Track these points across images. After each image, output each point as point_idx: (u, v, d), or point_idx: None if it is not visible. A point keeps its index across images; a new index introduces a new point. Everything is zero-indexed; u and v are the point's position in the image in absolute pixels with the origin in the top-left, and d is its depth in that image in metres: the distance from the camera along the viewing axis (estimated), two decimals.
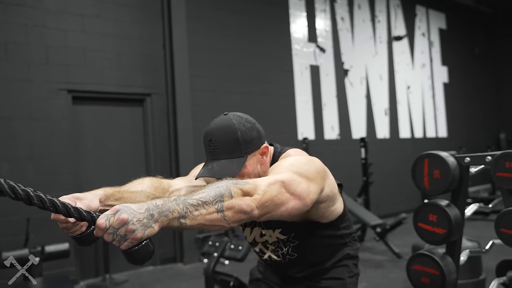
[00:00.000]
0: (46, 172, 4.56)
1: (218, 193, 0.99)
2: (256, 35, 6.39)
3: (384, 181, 7.64)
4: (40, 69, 4.61)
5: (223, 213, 0.97)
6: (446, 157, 1.80)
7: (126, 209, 0.86)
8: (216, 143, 1.31)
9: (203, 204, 0.95)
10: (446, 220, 1.79)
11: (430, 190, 1.84)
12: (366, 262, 4.90)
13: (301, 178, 1.16)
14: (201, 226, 0.96)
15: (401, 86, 8.72)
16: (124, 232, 0.85)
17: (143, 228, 0.87)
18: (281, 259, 1.50)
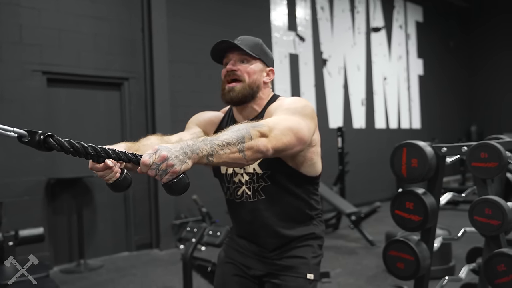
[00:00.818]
0: (18, 156, 4.44)
1: (240, 135, 1.14)
2: (237, 21, 6.34)
3: (360, 170, 7.77)
4: (13, 49, 4.47)
5: (243, 153, 1.13)
6: (424, 147, 1.84)
7: (165, 148, 1.00)
8: (240, 38, 1.52)
9: (227, 145, 1.10)
10: (422, 208, 1.85)
11: (407, 178, 1.89)
12: (340, 249, 5.00)
13: (304, 120, 1.34)
14: (224, 163, 1.13)
15: (377, 77, 8.83)
16: (165, 167, 0.99)
17: (180, 163, 1.01)
18: (251, 195, 1.50)
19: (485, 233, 1.70)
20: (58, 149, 0.98)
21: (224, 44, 1.49)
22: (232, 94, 1.48)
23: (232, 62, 1.50)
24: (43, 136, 0.96)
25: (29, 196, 4.50)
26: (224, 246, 1.69)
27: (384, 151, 7.89)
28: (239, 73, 1.49)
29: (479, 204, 1.69)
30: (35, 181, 4.55)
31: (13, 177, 4.42)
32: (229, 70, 1.49)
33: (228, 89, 1.49)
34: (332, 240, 5.46)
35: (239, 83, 1.48)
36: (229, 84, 1.49)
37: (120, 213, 5.27)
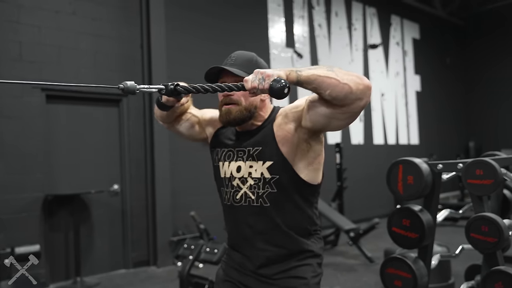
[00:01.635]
0: (17, 172, 4.44)
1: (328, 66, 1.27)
2: (235, 38, 6.40)
3: (358, 186, 7.76)
4: (13, 65, 4.50)
5: (334, 72, 1.24)
6: (419, 164, 1.85)
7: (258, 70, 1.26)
8: (234, 57, 1.54)
9: (315, 68, 1.27)
10: (419, 225, 1.84)
11: (404, 195, 1.89)
12: (339, 266, 4.97)
13: None
14: (315, 77, 1.24)
15: (375, 93, 8.88)
16: (261, 75, 1.23)
17: (272, 71, 1.24)
18: (254, 200, 1.48)
19: (481, 251, 1.70)
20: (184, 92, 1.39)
21: (216, 68, 1.51)
22: (229, 117, 1.49)
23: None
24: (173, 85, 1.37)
25: (26, 213, 4.48)
26: (222, 264, 1.67)
27: (382, 167, 7.85)
28: (235, 97, 1.49)
29: (476, 221, 1.70)
30: (33, 197, 4.54)
31: (10, 193, 4.40)
32: (224, 96, 1.50)
33: (225, 111, 1.50)
34: (331, 257, 5.43)
35: (235, 105, 1.49)
36: (226, 106, 1.50)
37: (118, 229, 5.24)
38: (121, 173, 5.29)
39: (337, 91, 1.23)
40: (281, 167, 1.44)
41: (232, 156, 1.54)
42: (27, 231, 4.44)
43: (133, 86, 1.26)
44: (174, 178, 5.51)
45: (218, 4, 6.26)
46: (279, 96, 1.21)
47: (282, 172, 1.45)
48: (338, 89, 1.23)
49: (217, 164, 1.60)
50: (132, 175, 5.30)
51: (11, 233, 4.33)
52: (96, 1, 5.10)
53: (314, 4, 7.78)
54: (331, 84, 1.22)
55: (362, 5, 8.74)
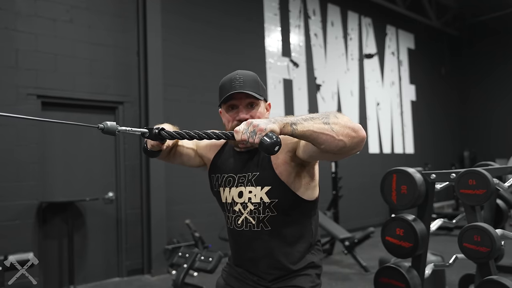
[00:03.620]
0: (11, 179, 4.43)
1: (324, 114, 1.25)
2: (231, 47, 6.43)
3: (353, 195, 7.77)
4: (8, 72, 4.50)
5: (329, 126, 1.21)
6: (413, 173, 1.86)
7: (250, 120, 1.21)
8: (241, 79, 1.50)
9: (311, 118, 1.23)
10: (413, 234, 1.85)
11: (397, 205, 1.90)
12: (333, 275, 4.96)
13: None
14: (311, 133, 1.21)
15: (371, 103, 8.92)
16: (252, 128, 1.17)
17: (265, 124, 1.18)
18: (255, 225, 1.49)
19: (474, 260, 1.71)
20: (169, 138, 1.32)
21: (236, 93, 1.48)
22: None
23: (241, 109, 1.49)
24: (157, 130, 1.32)
25: (20, 220, 4.46)
26: (223, 273, 1.68)
27: (378, 176, 7.87)
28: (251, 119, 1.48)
29: (468, 231, 1.71)
30: (27, 204, 4.51)
31: (4, 200, 4.38)
32: (242, 120, 1.46)
33: None
34: (326, 265, 5.41)
35: None
36: None
37: (112, 237, 5.22)
38: (116, 181, 5.27)
39: (332, 146, 1.24)
40: (279, 191, 1.45)
41: (233, 181, 1.54)
42: (21, 238, 4.41)
43: (114, 127, 1.22)
44: (169, 186, 5.50)
45: (215, 13, 6.30)
46: (268, 152, 1.17)
47: (281, 195, 1.46)
48: (333, 145, 1.23)
49: (217, 190, 1.60)
50: (127, 183, 5.28)
51: (5, 240, 4.30)
52: (93, 9, 5.12)
53: (310, 14, 7.84)
54: (327, 141, 1.22)
55: (357, 15, 8.81)
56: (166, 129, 1.33)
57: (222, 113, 1.56)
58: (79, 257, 4.88)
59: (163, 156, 1.62)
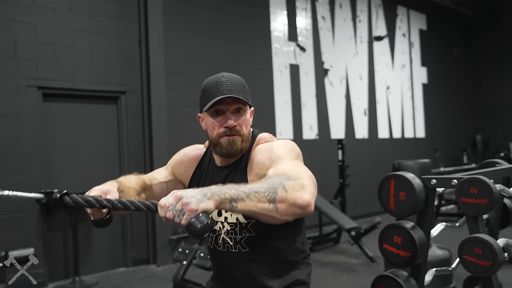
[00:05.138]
0: (14, 171, 4.41)
1: (271, 185, 1.07)
2: (235, 33, 6.29)
3: (362, 181, 7.65)
4: (8, 64, 4.44)
5: (275, 205, 1.05)
6: (412, 179, 1.76)
7: (182, 191, 1.01)
8: (229, 82, 1.37)
9: (255, 193, 1.04)
10: (411, 243, 1.76)
11: (395, 212, 1.80)
12: (339, 265, 4.90)
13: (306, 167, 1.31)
14: (252, 213, 1.06)
15: (380, 86, 8.73)
16: (181, 206, 0.98)
17: (197, 201, 0.99)
18: (233, 246, 1.40)
19: (475, 274, 1.62)
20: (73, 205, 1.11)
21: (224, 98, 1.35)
22: (233, 149, 1.38)
23: (229, 116, 1.38)
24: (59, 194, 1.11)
25: (24, 213, 4.46)
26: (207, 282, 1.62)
27: (387, 161, 7.76)
28: (238, 128, 1.39)
29: (469, 243, 1.61)
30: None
31: None
32: (230, 127, 1.37)
33: (228, 142, 1.37)
34: (332, 255, 5.36)
35: (237, 135, 1.38)
36: (228, 137, 1.37)
37: (117, 228, 5.22)
38: (120, 172, 5.24)
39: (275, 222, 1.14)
40: None
41: None
42: (25, 230, 4.42)
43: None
44: None
45: None
46: (195, 237, 1.02)
47: None
48: (277, 221, 1.13)
49: None
50: (131, 173, 5.24)
51: (10, 233, 4.31)
52: None
53: None
54: (269, 220, 1.11)
55: None
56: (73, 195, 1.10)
57: (204, 118, 1.43)
58: (85, 248, 4.89)
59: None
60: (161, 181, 1.56)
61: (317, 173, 5.94)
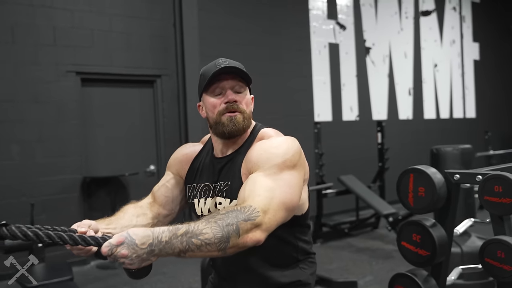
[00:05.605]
0: (55, 154, 4.59)
1: (226, 234, 1.03)
2: (270, 12, 6.15)
3: (406, 164, 7.35)
4: (48, 51, 4.58)
5: (224, 251, 1.04)
6: (432, 174, 1.64)
7: (129, 243, 0.96)
8: (226, 62, 1.32)
9: (207, 245, 1.01)
10: (430, 242, 1.65)
11: (414, 208, 1.69)
12: (375, 252, 4.78)
13: (293, 176, 1.23)
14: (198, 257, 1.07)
15: (427, 64, 8.32)
16: (123, 262, 0.97)
17: (140, 261, 0.98)
18: None
19: (497, 279, 1.49)
20: (11, 238, 0.96)
21: (225, 69, 1.30)
22: (236, 126, 1.31)
23: (229, 92, 1.32)
24: None
25: (66, 194, 4.65)
26: (209, 284, 1.59)
27: (434, 143, 7.44)
28: (239, 104, 1.33)
29: (491, 244, 1.48)
30: (71, 179, 4.69)
31: (50, 175, 4.57)
32: (231, 102, 1.31)
33: (229, 119, 1.31)
34: (369, 241, 5.24)
35: (238, 112, 1.32)
36: (229, 114, 1.31)
37: None
38: (157, 154, 5.34)
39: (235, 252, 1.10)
40: None
41: (209, 191, 1.39)
42: (67, 210, 4.61)
43: None
44: None
45: None
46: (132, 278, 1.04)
47: None
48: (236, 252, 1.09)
49: (191, 202, 1.45)
50: (168, 156, 5.31)
51: (54, 212, 4.52)
52: None
53: None
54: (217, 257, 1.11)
55: None
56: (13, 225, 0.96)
57: (204, 102, 1.37)
58: None
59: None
60: (163, 183, 1.53)
61: (356, 156, 5.83)
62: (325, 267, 4.29)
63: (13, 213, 4.27)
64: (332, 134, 6.54)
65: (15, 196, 4.32)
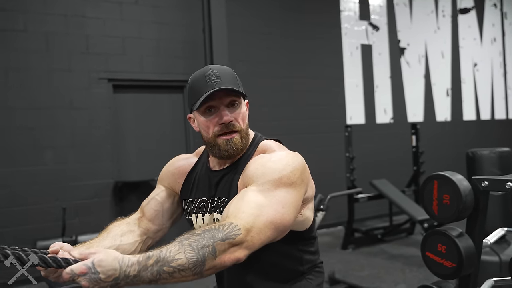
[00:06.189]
0: (88, 160, 4.70)
1: (201, 257, 0.95)
2: (300, 15, 6.08)
3: (442, 167, 7.08)
4: (80, 58, 4.70)
5: (200, 274, 0.96)
6: (457, 181, 1.54)
7: (92, 276, 0.88)
8: (217, 74, 1.21)
9: (180, 271, 0.93)
10: (456, 253, 1.55)
11: (439, 217, 1.59)
12: (409, 259, 4.61)
13: (290, 194, 1.13)
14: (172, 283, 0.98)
15: (466, 64, 8.00)
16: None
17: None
18: None
19: None
20: None
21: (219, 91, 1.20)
22: (233, 149, 1.23)
23: (223, 110, 1.22)
24: None
25: (98, 198, 4.75)
26: None
27: (473, 146, 7.13)
28: (235, 123, 1.23)
29: None
30: (103, 183, 4.78)
31: (83, 180, 4.68)
32: (226, 123, 1.21)
33: (226, 143, 1.22)
34: (403, 247, 5.06)
35: (235, 133, 1.23)
36: (225, 136, 1.23)
37: None
38: None
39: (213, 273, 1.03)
40: None
41: (206, 207, 1.32)
42: (97, 216, 4.71)
43: None
44: None
45: None
46: None
47: None
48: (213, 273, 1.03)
49: (189, 217, 1.38)
50: None
51: (85, 217, 4.62)
52: None
53: None
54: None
55: None
56: None
57: (195, 118, 1.29)
58: None
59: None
60: (153, 196, 1.45)
61: (389, 159, 5.63)
62: (356, 274, 4.18)
63: (47, 217, 4.40)
64: (365, 137, 6.40)
65: (48, 201, 4.44)
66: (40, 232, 4.27)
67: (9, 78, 4.36)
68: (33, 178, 4.41)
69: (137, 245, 1.34)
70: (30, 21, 4.44)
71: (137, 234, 1.36)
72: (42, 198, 4.43)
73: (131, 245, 1.32)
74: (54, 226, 4.32)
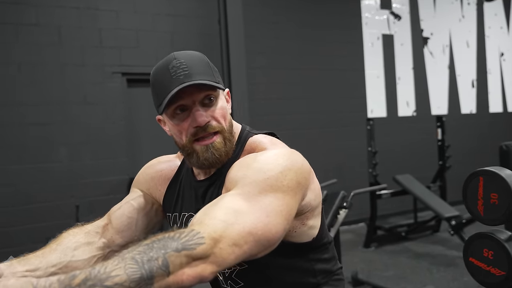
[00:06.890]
0: (103, 156, 4.60)
1: (147, 273, 0.70)
2: (317, 4, 5.87)
3: (469, 161, 6.82)
4: (94, 52, 4.60)
5: None
6: (508, 177, 1.35)
7: None
8: (184, 64, 0.98)
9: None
10: (506, 260, 1.36)
11: (485, 218, 1.41)
12: (436, 258, 4.40)
13: (279, 201, 0.89)
14: None
15: (492, 54, 7.66)
16: None
17: None
18: (223, 281, 1.10)
19: None
20: None
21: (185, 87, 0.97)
22: (215, 155, 1.01)
23: (197, 110, 0.99)
24: None
25: (113, 195, 4.65)
26: None
27: (500, 139, 6.84)
28: (214, 123, 1.01)
29: None
30: (118, 180, 4.69)
31: (98, 176, 4.59)
32: (202, 125, 0.99)
33: (205, 149, 1.01)
34: (429, 245, 4.85)
35: (215, 135, 1.02)
36: (203, 141, 1.01)
37: None
38: None
39: None
40: None
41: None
42: None
43: None
44: None
45: None
46: None
47: None
48: None
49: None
50: None
51: (100, 213, 4.50)
52: None
53: None
54: None
55: None
56: None
57: (165, 120, 1.08)
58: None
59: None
60: (127, 201, 1.23)
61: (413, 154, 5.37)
62: (380, 274, 3.99)
63: (62, 214, 4.32)
64: (386, 131, 6.16)
65: (63, 197, 4.36)
66: (53, 230, 4.18)
67: (22, 73, 4.27)
68: (47, 175, 4.33)
69: (94, 261, 1.09)
70: (42, 14, 4.35)
71: (95, 248, 1.12)
72: (56, 196, 4.35)
73: (85, 262, 1.08)
74: (68, 223, 4.21)
